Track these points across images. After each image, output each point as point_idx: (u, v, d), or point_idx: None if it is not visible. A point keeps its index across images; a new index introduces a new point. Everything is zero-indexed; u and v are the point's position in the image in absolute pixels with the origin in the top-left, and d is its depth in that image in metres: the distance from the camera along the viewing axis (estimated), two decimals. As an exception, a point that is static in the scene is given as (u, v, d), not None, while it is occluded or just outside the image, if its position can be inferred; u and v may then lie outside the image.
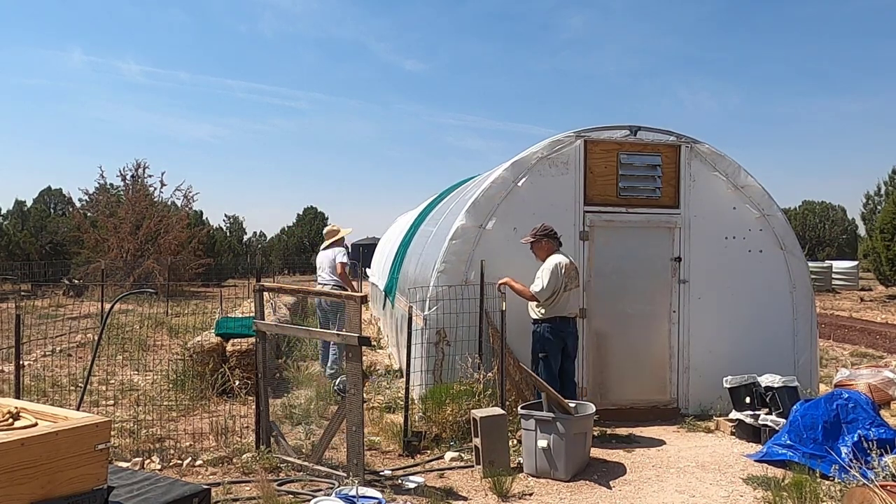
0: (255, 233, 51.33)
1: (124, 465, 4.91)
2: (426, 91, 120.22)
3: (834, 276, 26.50)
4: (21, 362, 5.65)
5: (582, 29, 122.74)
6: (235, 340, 7.83)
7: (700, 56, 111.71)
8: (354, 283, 11.87)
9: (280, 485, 4.82)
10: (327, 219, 49.23)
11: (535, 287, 6.00)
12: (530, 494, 4.83)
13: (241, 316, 9.20)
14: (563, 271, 5.97)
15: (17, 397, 5.29)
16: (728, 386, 6.37)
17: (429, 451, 5.70)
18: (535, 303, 6.06)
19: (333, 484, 4.72)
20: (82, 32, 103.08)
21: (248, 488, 4.81)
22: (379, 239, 21.82)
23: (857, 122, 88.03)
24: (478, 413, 5.29)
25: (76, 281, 21.05)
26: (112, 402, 7.15)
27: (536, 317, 6.08)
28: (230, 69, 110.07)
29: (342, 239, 8.83)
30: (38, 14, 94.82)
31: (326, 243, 8.79)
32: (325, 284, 8.56)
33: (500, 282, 6.21)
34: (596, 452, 5.68)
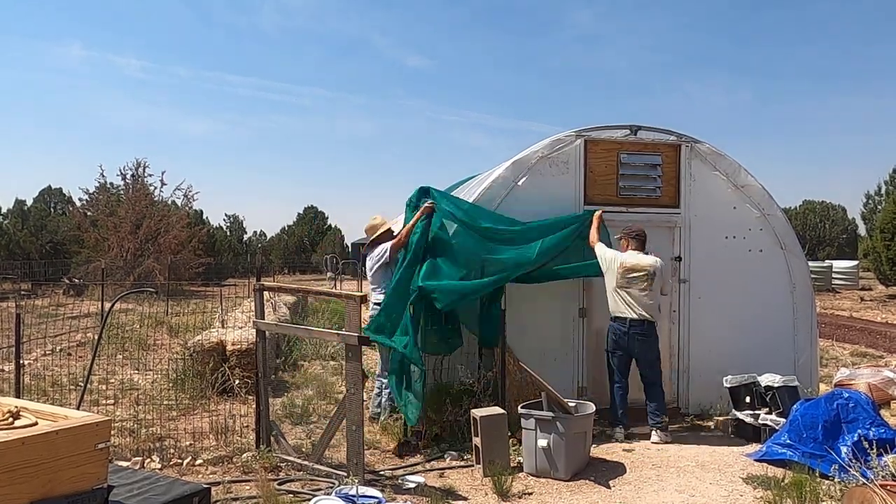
0: (255, 232, 51.44)
1: (124, 464, 4.91)
2: (430, 87, 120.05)
3: (834, 275, 26.50)
4: (21, 361, 5.66)
5: (590, 24, 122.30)
6: (235, 340, 7.82)
7: (709, 52, 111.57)
8: (354, 283, 11.72)
9: (280, 484, 4.82)
10: (327, 218, 49.29)
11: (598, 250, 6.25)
12: (530, 494, 4.83)
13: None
14: (616, 266, 6.07)
15: (18, 396, 5.30)
16: (728, 385, 6.37)
17: (429, 451, 5.70)
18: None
19: (333, 483, 4.72)
20: (81, 27, 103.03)
21: (248, 487, 4.82)
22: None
23: (857, 122, 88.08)
24: (478, 413, 5.29)
25: (76, 280, 21.05)
26: (112, 401, 7.15)
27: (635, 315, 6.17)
28: (230, 65, 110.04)
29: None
30: (37, 8, 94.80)
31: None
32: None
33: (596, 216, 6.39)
34: (596, 452, 5.68)
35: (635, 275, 6.07)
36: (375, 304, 6.36)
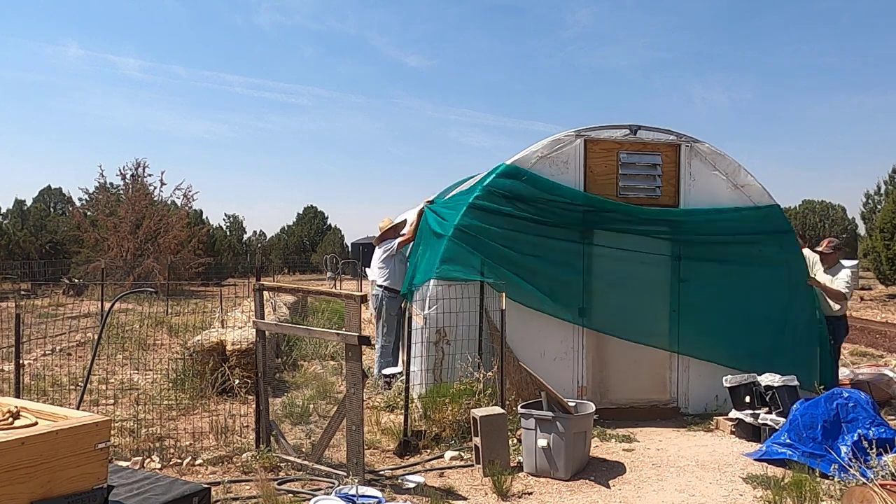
0: (254, 232, 51.29)
1: (124, 464, 4.91)
2: (430, 87, 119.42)
3: (834, 275, 26.40)
4: (21, 361, 5.66)
5: (591, 23, 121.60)
6: (235, 340, 7.82)
7: (709, 52, 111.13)
8: (354, 283, 12.16)
9: (280, 484, 4.82)
10: (327, 218, 49.26)
11: (842, 288, 6.96)
12: (530, 493, 4.83)
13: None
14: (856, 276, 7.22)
15: (17, 396, 5.30)
16: (728, 385, 6.37)
17: (429, 451, 5.71)
18: (837, 302, 7.03)
19: (333, 483, 4.72)
20: (78, 27, 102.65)
21: (247, 487, 4.82)
22: (379, 238, 21.75)
23: (857, 121, 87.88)
24: (478, 412, 5.29)
25: (76, 280, 21.04)
26: (112, 401, 7.15)
27: (834, 314, 7.10)
28: (228, 64, 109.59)
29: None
30: (34, 7, 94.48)
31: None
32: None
33: (810, 281, 7.08)
34: (596, 452, 5.68)
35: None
36: (379, 285, 7.96)
